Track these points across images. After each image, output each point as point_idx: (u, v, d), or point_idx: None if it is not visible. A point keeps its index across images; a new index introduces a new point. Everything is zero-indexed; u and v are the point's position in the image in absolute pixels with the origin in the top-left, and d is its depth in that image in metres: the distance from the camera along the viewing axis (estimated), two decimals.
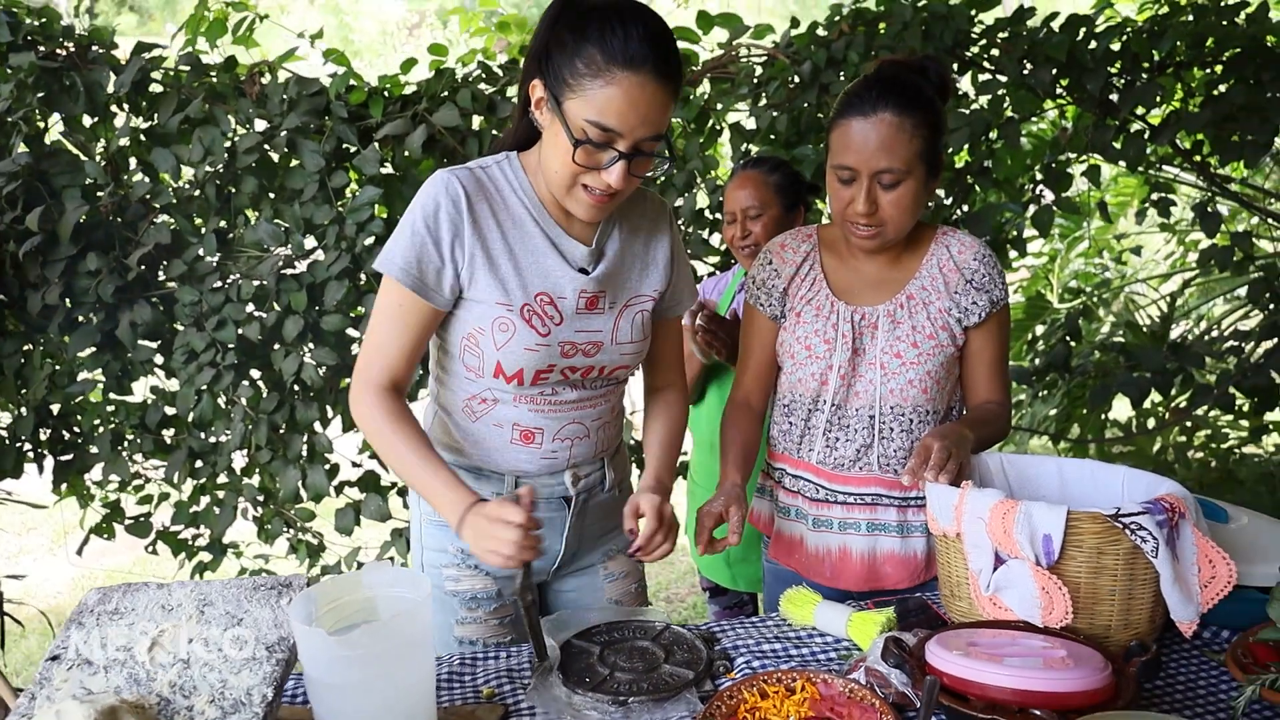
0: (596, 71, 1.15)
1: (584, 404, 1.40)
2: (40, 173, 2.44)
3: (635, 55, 1.14)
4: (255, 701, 0.93)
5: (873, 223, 1.41)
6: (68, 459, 2.68)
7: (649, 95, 1.16)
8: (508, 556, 1.20)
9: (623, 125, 1.17)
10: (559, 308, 1.32)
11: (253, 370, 2.55)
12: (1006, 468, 1.43)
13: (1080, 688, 0.96)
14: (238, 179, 2.49)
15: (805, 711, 1.08)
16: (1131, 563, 1.17)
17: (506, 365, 1.31)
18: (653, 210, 1.45)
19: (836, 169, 1.41)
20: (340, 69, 2.50)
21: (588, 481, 1.45)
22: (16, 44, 2.43)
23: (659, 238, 1.43)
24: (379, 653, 0.93)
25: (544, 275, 1.32)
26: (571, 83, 1.17)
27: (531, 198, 1.33)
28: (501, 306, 1.29)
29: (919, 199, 1.41)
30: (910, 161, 1.37)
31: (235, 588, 1.09)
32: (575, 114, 1.18)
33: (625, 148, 1.19)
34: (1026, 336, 3.68)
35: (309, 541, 2.79)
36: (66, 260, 2.41)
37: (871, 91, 1.38)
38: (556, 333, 1.31)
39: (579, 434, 1.41)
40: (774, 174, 2.08)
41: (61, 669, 0.97)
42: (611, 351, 1.37)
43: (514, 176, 1.33)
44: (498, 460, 1.40)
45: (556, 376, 1.35)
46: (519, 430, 1.37)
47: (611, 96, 1.15)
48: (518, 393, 1.35)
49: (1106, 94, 2.46)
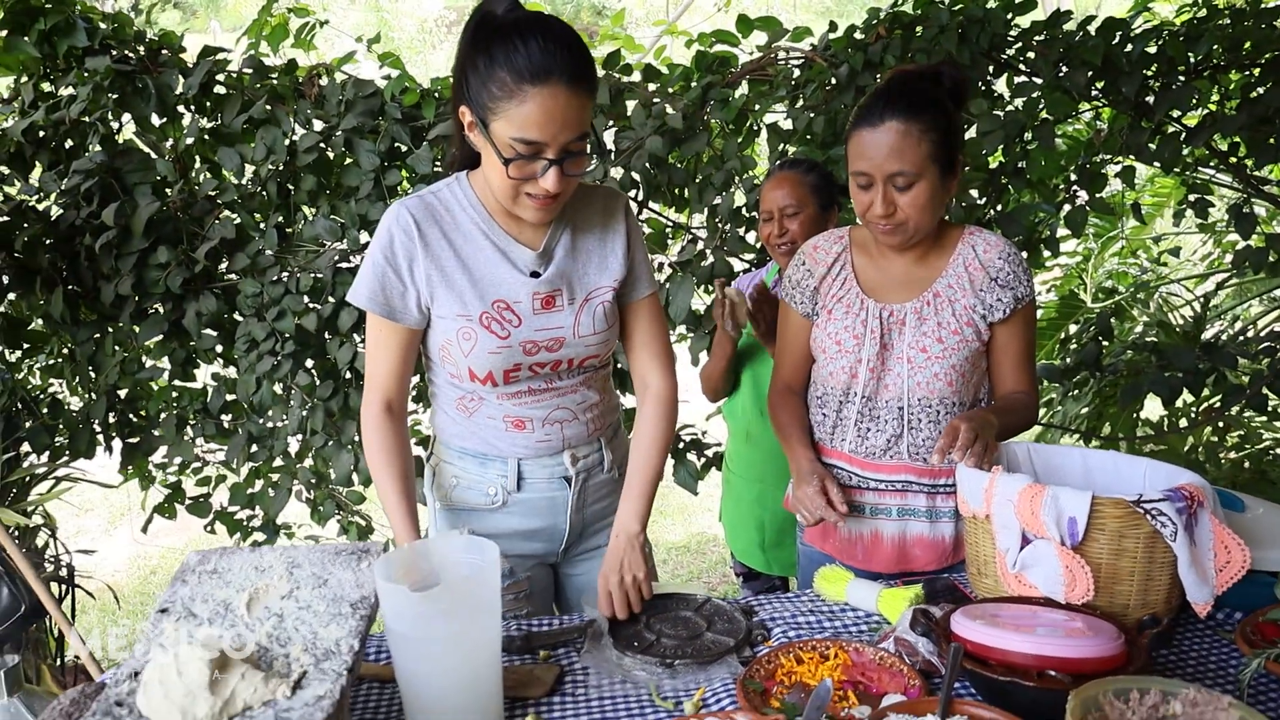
0: (510, 93, 1.22)
1: (563, 392, 1.49)
2: (114, 170, 2.58)
3: (540, 68, 1.21)
4: (344, 651, 1.04)
5: (893, 222, 1.49)
6: (134, 441, 2.83)
7: (563, 103, 1.23)
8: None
9: (545, 136, 1.24)
10: (515, 311, 1.41)
11: (309, 359, 2.68)
12: (1033, 456, 1.50)
13: (1094, 654, 1.04)
14: (297, 177, 2.62)
15: (838, 676, 1.16)
16: (1151, 546, 1.24)
17: (477, 369, 1.42)
18: (606, 203, 1.51)
19: (854, 175, 1.51)
20: (394, 71, 2.61)
21: (586, 462, 1.54)
22: (93, 49, 2.57)
23: (613, 229, 1.50)
24: (454, 609, 1.03)
25: (497, 284, 1.41)
26: (491, 106, 1.24)
27: (481, 213, 1.42)
28: (462, 318, 1.39)
29: (935, 197, 1.49)
30: (921, 164, 1.45)
31: (319, 552, 1.20)
32: (500, 134, 1.25)
33: (553, 154, 1.26)
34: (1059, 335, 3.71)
35: (358, 523, 2.92)
36: (138, 253, 2.55)
37: (879, 103, 1.46)
38: (516, 334, 1.41)
39: (566, 417, 1.51)
40: (810, 174, 2.15)
41: (170, 620, 1.09)
42: (576, 345, 1.46)
43: (463, 196, 1.42)
44: (499, 446, 1.50)
45: (526, 373, 1.44)
46: (509, 420, 1.48)
47: (528, 113, 1.22)
48: (496, 391, 1.45)
49: (1142, 96, 2.50)
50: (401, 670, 1.06)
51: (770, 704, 1.11)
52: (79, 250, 2.61)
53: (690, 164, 2.72)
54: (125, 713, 0.94)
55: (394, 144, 2.58)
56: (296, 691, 0.97)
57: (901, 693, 1.12)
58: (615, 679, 1.23)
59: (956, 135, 1.50)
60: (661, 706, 1.16)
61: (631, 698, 1.19)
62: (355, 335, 2.63)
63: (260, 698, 0.95)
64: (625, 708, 1.17)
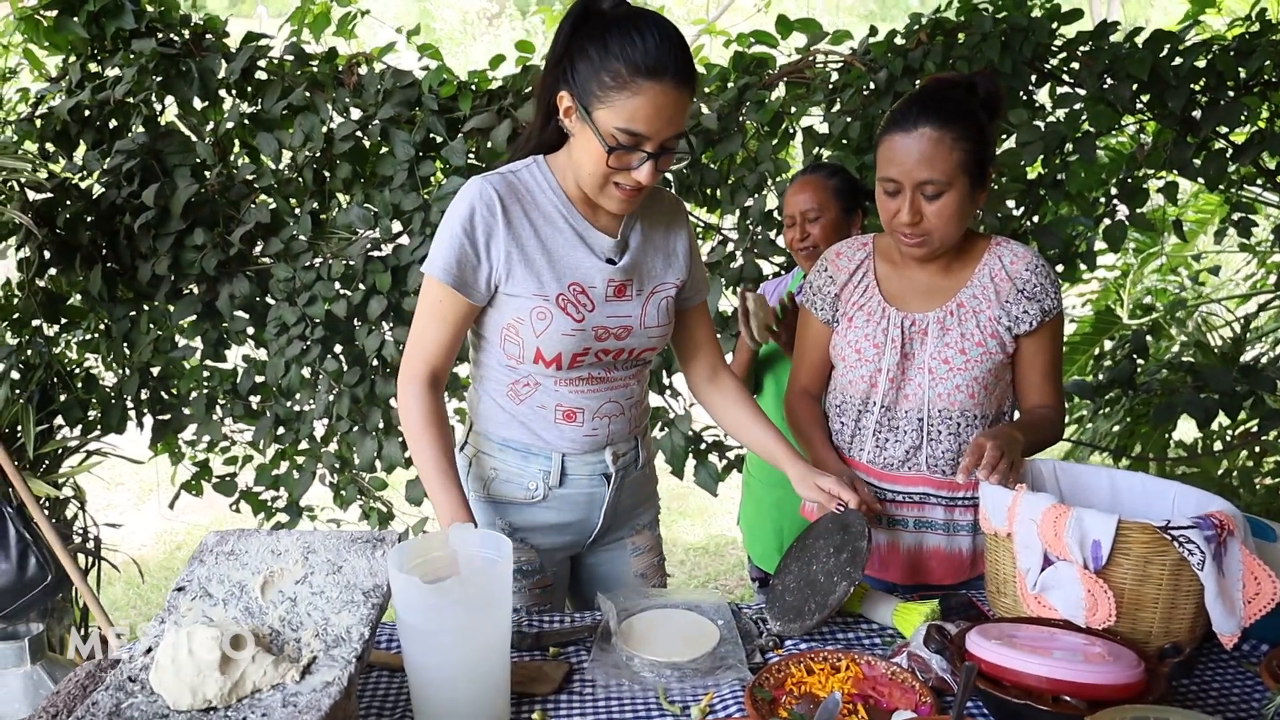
0: (622, 84, 1.25)
1: (617, 384, 1.50)
2: (155, 152, 2.63)
3: (656, 65, 1.24)
4: (354, 638, 1.04)
5: (918, 232, 1.47)
6: (165, 419, 2.88)
7: (671, 100, 1.27)
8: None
9: (650, 130, 1.28)
10: (590, 296, 1.42)
11: (337, 345, 2.71)
12: (1059, 475, 1.48)
13: (1111, 680, 1.02)
14: (333, 164, 2.64)
15: (849, 689, 1.15)
16: (1177, 574, 1.21)
17: (546, 350, 1.41)
18: (669, 206, 1.55)
19: (882, 181, 1.48)
20: (433, 63, 2.62)
21: (625, 459, 1.55)
22: (139, 31, 2.62)
23: (677, 231, 1.54)
24: (465, 602, 1.03)
25: (575, 267, 1.42)
26: (599, 94, 1.27)
27: (560, 197, 1.43)
28: (538, 297, 1.40)
29: (964, 208, 1.46)
30: (951, 173, 1.43)
31: (335, 539, 1.20)
32: (605, 122, 1.28)
33: (653, 149, 1.30)
34: (1093, 350, 3.64)
35: (380, 509, 2.94)
36: (175, 234, 2.59)
37: (913, 108, 1.44)
38: (590, 318, 1.42)
39: (615, 411, 1.51)
40: (832, 178, 2.15)
41: (186, 599, 1.10)
42: (640, 335, 1.47)
43: (543, 178, 1.43)
44: (544, 439, 1.49)
45: (591, 359, 1.45)
46: (561, 411, 1.48)
47: (638, 105, 1.26)
48: (557, 376, 1.45)
49: (1188, 111, 2.44)
50: (410, 660, 1.07)
51: (778, 713, 1.10)
52: (118, 229, 2.66)
53: (724, 165, 2.71)
54: (138, 689, 0.95)
55: (429, 135, 2.59)
56: (305, 676, 0.98)
57: (912, 709, 1.11)
58: (623, 678, 1.22)
59: (988, 147, 1.48)
60: (669, 710, 1.16)
61: (639, 700, 1.18)
62: (384, 323, 2.65)
63: (270, 680, 0.96)
64: (633, 709, 1.17)
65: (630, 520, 1.62)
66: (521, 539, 1.53)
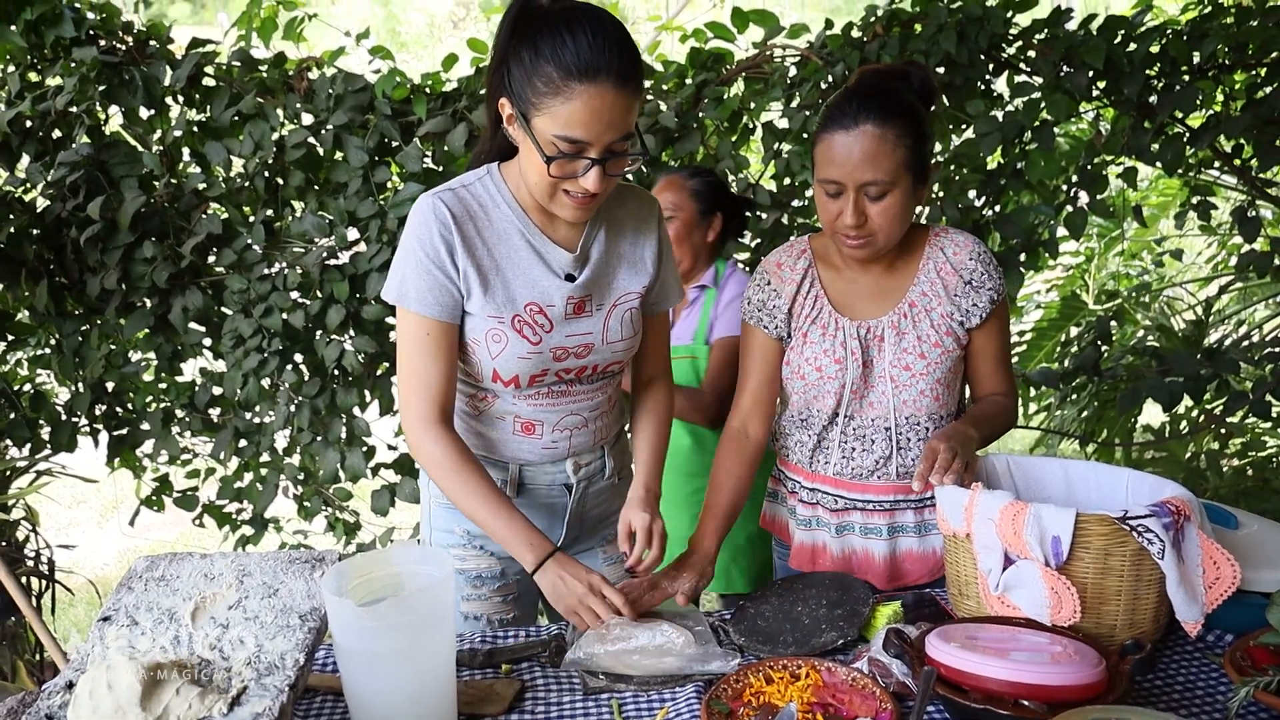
0: (555, 89, 1.18)
1: (580, 397, 1.45)
2: (100, 163, 2.55)
3: (589, 66, 1.16)
4: (288, 665, 1.00)
5: (863, 234, 1.43)
6: (121, 434, 2.81)
7: (609, 102, 1.18)
8: (581, 620, 1.30)
9: (590, 135, 1.20)
10: (548, 315, 1.36)
11: (296, 355, 2.65)
12: (1013, 469, 1.46)
13: (1073, 681, 1.00)
14: (285, 172, 2.58)
15: (808, 697, 1.12)
16: (1138, 564, 1.19)
17: (502, 372, 1.37)
18: (640, 207, 1.47)
19: (823, 183, 1.42)
20: (386, 65, 2.57)
21: (588, 470, 1.50)
22: (80, 39, 2.54)
23: (646, 235, 1.46)
24: (404, 624, 0.99)
25: (531, 286, 1.36)
26: (534, 100, 1.20)
27: (515, 209, 1.36)
28: (493, 319, 1.34)
29: (907, 207, 1.43)
30: (895, 172, 1.38)
31: (272, 560, 1.16)
32: (543, 130, 1.21)
33: (596, 154, 1.22)
34: (1059, 337, 3.65)
35: (346, 520, 2.89)
36: (124, 247, 2.52)
37: (852, 104, 1.39)
38: (547, 339, 1.36)
39: (577, 424, 1.46)
40: (692, 179, 2.18)
41: (112, 629, 1.05)
42: (603, 350, 1.42)
43: (497, 190, 1.37)
44: (502, 450, 1.45)
45: (551, 378, 1.40)
46: (519, 423, 1.43)
47: (574, 110, 1.18)
48: (515, 392, 1.41)
49: (1145, 97, 2.44)
50: (349, 686, 1.03)
51: None
52: (65, 242, 2.58)
53: (684, 163, 2.67)
54: None
55: (383, 140, 2.54)
56: (234, 708, 0.93)
57: (872, 716, 1.08)
58: (577, 696, 1.19)
59: (929, 141, 1.44)
60: None
61: (592, 715, 1.15)
62: (343, 333, 2.60)
63: (195, 714, 0.91)
64: None
65: (601, 530, 1.58)
66: (480, 546, 1.49)
